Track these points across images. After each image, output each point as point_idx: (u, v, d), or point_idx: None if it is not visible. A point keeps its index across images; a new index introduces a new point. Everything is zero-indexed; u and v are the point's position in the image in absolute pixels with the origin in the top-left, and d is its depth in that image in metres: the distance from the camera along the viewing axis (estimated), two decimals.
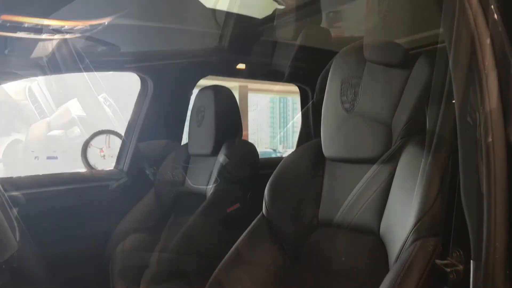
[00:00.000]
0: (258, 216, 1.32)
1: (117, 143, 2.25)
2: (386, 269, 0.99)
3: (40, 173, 2.03)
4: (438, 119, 0.98)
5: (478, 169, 0.74)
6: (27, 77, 1.70)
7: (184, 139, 2.22)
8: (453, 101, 0.81)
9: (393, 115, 1.07)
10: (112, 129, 2.35)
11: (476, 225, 0.74)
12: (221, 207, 1.75)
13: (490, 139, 0.73)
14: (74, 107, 4.22)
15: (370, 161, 1.11)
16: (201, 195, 1.85)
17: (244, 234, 1.30)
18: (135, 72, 2.07)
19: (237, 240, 1.30)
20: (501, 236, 0.73)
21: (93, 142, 2.26)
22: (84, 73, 1.86)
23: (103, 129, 2.34)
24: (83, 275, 1.97)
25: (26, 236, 0.91)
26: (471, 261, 0.76)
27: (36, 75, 1.71)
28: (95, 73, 1.90)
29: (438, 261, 0.87)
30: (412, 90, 1.08)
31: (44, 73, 1.74)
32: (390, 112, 1.07)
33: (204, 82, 2.21)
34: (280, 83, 2.74)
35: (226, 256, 1.27)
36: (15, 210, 0.92)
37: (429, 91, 1.06)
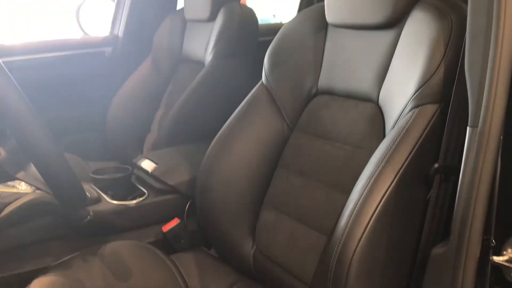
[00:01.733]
0: (258, 84, 1.32)
1: (111, 8, 2.16)
2: (383, 136, 1.01)
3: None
4: None
5: (486, 34, 0.72)
6: None
7: (180, 3, 2.12)
8: None
9: None
10: None
11: (477, 93, 0.74)
12: (220, 74, 1.74)
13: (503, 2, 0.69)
14: None
15: (375, 27, 1.07)
16: (199, 63, 1.83)
17: (243, 102, 1.31)
18: None
19: (236, 108, 1.31)
20: (500, 103, 0.73)
21: (85, 6, 2.16)
22: None
23: None
24: (85, 139, 2.03)
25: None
26: (467, 128, 0.77)
27: None
28: None
29: None
30: None
31: None
32: None
33: None
34: None
35: (225, 125, 1.29)
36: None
37: None
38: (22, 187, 1.20)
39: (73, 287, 1.07)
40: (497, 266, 0.78)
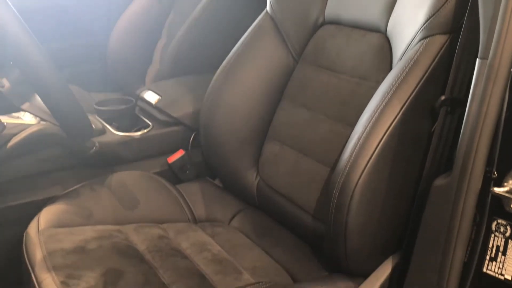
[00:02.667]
0: (262, 13, 1.28)
1: None
2: (390, 68, 1.00)
3: None
4: None
5: None
6: None
7: None
8: None
9: None
10: None
11: (489, 24, 0.72)
12: (223, 2, 1.68)
13: None
14: None
15: None
16: None
17: (246, 32, 1.28)
18: None
19: (240, 38, 1.29)
20: None
21: None
22: None
23: None
24: (87, 70, 2.00)
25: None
26: (477, 59, 0.76)
27: None
28: None
29: None
30: None
31: None
32: None
33: None
34: None
35: (228, 56, 1.27)
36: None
37: None
38: (26, 118, 1.21)
39: (82, 215, 1.10)
40: (497, 197, 0.80)
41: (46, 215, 1.07)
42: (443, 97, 0.87)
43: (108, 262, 0.94)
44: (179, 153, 1.39)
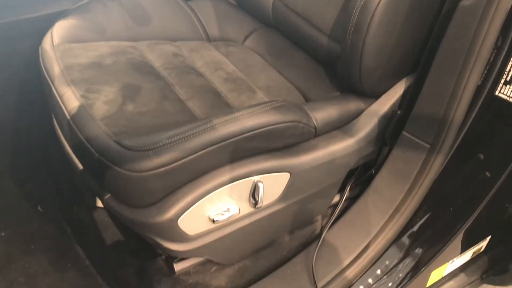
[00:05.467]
0: None
1: None
2: None
3: None
4: None
5: None
6: None
7: None
8: None
9: None
10: None
11: None
12: None
13: None
14: None
15: None
16: None
17: None
18: None
19: None
20: None
21: None
22: None
23: None
24: None
25: None
26: None
27: None
28: None
29: None
30: None
31: None
32: None
33: None
34: None
35: None
36: None
37: None
38: None
39: (95, 31, 1.09)
40: None
41: (59, 30, 1.05)
42: None
43: (125, 78, 0.95)
44: None
